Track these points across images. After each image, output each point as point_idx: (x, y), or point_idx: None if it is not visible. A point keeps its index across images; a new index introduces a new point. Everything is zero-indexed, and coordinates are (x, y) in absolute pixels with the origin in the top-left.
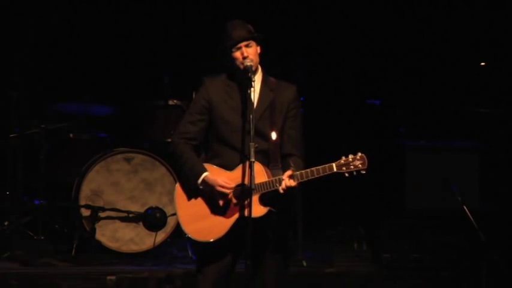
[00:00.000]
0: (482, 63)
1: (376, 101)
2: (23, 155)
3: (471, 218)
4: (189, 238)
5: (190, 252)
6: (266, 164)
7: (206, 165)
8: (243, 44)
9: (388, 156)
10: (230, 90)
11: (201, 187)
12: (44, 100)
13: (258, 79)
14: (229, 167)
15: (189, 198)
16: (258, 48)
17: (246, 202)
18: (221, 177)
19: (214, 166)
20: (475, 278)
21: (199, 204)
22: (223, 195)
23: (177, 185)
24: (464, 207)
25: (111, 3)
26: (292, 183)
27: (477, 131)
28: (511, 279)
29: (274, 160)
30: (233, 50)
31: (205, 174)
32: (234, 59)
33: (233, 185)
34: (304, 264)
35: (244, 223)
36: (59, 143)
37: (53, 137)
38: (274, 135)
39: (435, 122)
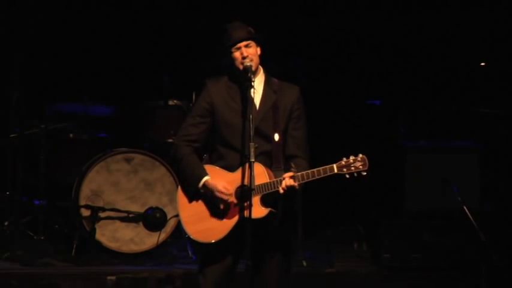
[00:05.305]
0: (482, 63)
1: (376, 101)
2: (23, 155)
3: (471, 218)
4: (189, 238)
5: (190, 252)
6: (269, 165)
7: (209, 167)
8: (242, 44)
9: (388, 156)
10: (232, 92)
11: (201, 191)
12: (44, 100)
13: (260, 80)
14: (232, 168)
15: (191, 199)
16: (258, 50)
17: (246, 203)
18: (221, 183)
19: (217, 167)
20: (475, 278)
21: (201, 205)
22: (223, 200)
23: (180, 187)
24: (464, 207)
25: (111, 3)
26: (292, 182)
27: (477, 131)
28: (511, 279)
29: (277, 162)
30: (233, 50)
31: (205, 178)
32: (234, 60)
33: (232, 191)
34: (304, 264)
35: (245, 224)
36: (59, 143)
37: (53, 137)
38: (277, 137)
39: (435, 122)
